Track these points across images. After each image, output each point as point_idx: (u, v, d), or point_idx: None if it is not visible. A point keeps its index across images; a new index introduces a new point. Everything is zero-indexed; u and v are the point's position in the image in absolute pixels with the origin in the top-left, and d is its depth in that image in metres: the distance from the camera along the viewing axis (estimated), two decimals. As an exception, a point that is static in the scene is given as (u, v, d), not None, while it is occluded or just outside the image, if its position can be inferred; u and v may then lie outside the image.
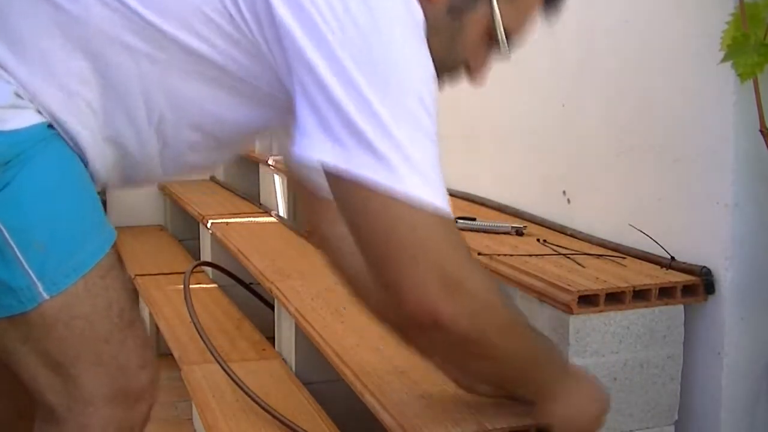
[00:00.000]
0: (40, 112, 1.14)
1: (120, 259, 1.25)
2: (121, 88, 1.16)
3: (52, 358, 1.19)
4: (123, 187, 1.33)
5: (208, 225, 3.25)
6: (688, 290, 1.62)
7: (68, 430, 1.21)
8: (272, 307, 2.54)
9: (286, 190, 3.24)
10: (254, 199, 3.67)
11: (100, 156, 1.20)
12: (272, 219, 3.32)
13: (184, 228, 3.99)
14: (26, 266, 1.13)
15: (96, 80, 1.15)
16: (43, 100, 1.14)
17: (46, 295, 1.14)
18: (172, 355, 2.65)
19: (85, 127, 1.17)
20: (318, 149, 1.06)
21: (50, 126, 1.15)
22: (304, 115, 1.07)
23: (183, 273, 2.76)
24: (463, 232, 2.02)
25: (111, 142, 1.20)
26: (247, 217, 3.37)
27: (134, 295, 1.22)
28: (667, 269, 1.67)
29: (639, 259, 1.76)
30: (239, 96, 1.18)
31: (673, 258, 1.69)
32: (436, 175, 1.08)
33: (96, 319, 1.20)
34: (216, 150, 1.28)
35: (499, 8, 1.25)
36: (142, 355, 1.28)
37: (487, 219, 2.13)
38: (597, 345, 1.57)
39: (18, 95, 1.12)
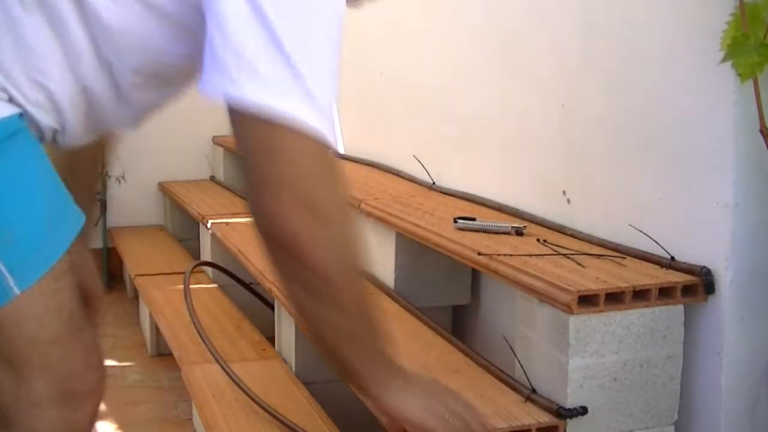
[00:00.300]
0: (11, 101, 1.15)
1: (71, 263, 1.23)
2: (72, 36, 1.16)
3: (4, 358, 1.19)
4: (95, 136, 1.34)
5: (208, 225, 3.25)
6: (688, 290, 1.62)
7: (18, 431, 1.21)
8: (272, 307, 2.53)
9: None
10: (254, 199, 3.66)
11: (71, 107, 1.21)
12: (272, 219, 3.32)
13: (184, 228, 3.99)
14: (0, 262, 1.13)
15: (53, 33, 1.16)
16: (21, 67, 1.15)
17: (17, 290, 1.15)
18: (172, 355, 2.65)
19: (58, 83, 1.18)
20: (217, 82, 1.07)
21: (20, 116, 1.16)
22: (208, 48, 1.08)
23: (183, 273, 2.76)
24: (464, 232, 2.02)
25: (79, 92, 1.21)
26: (247, 217, 3.36)
27: (82, 299, 1.28)
28: (667, 269, 1.67)
29: (639, 259, 1.76)
30: (171, 31, 1.18)
31: (673, 258, 1.69)
32: (328, 107, 1.09)
33: (47, 321, 1.20)
34: (161, 87, 1.29)
35: None
36: (88, 359, 1.28)
37: (487, 219, 2.13)
38: (597, 345, 1.57)
39: None
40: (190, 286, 2.65)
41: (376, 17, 3.09)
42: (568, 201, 2.03)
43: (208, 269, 3.31)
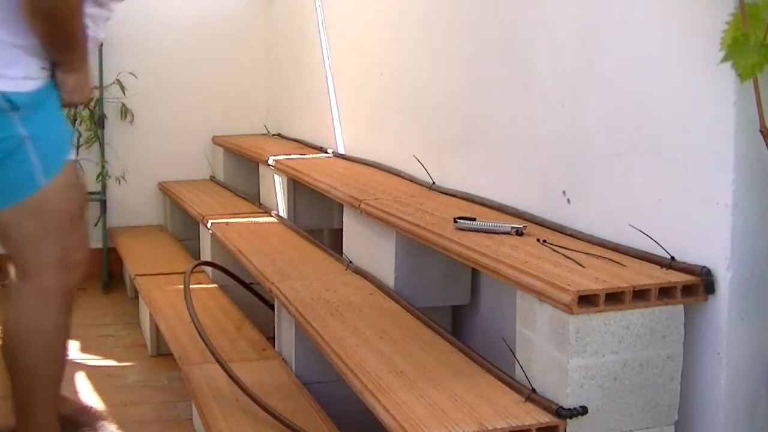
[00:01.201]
0: (46, 74, 1.97)
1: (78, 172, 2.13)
2: None
3: (30, 238, 1.98)
4: None
5: (208, 225, 3.26)
6: (688, 290, 1.62)
7: (34, 284, 1.99)
8: (272, 307, 2.54)
9: (286, 190, 3.24)
10: (254, 199, 3.67)
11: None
12: (272, 219, 3.32)
13: (184, 228, 4.00)
14: (35, 161, 1.92)
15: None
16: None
17: (44, 181, 1.95)
18: (172, 355, 2.65)
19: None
20: None
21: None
22: None
23: (183, 273, 2.76)
24: (464, 232, 2.03)
25: None
26: (247, 217, 3.37)
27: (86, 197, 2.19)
28: (667, 269, 1.68)
29: (639, 259, 1.76)
30: None
31: (673, 258, 1.69)
32: None
33: (66, 206, 2.01)
34: None
35: None
36: (82, 241, 2.10)
37: (487, 219, 2.13)
38: (597, 345, 1.57)
39: (41, 68, 1.95)
40: (190, 286, 2.66)
41: (376, 17, 3.10)
42: (568, 201, 2.03)
43: (208, 269, 3.31)
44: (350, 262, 2.59)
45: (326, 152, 3.49)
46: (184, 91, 4.22)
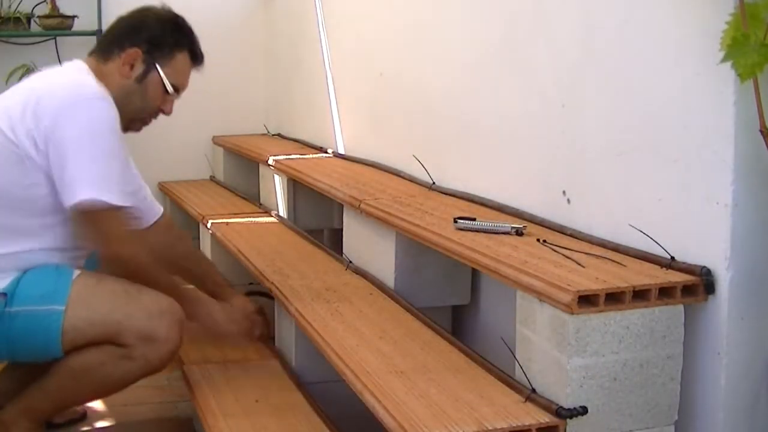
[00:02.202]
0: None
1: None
2: None
3: (98, 341, 2.13)
4: None
5: (208, 225, 3.25)
6: (688, 290, 1.62)
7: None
8: (272, 298, 2.53)
9: (286, 190, 3.24)
10: (254, 199, 3.67)
11: None
12: (272, 219, 3.32)
13: (184, 228, 3.99)
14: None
15: None
16: None
17: (61, 308, 2.10)
18: (172, 355, 2.64)
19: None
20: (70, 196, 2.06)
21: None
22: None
23: (183, 273, 2.75)
24: (464, 232, 2.03)
25: None
26: (247, 217, 3.37)
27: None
28: (667, 269, 1.67)
29: (639, 259, 1.76)
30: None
31: (673, 258, 1.69)
32: (113, 187, 2.06)
33: (96, 307, 2.13)
34: None
35: (164, 72, 2.27)
36: (150, 312, 2.15)
37: (487, 219, 2.13)
38: (597, 345, 1.57)
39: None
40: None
41: (376, 17, 3.10)
42: (568, 201, 2.03)
43: (208, 269, 3.30)
44: (350, 262, 2.59)
45: (326, 152, 3.49)
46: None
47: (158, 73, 2.25)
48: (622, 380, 1.59)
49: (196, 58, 2.35)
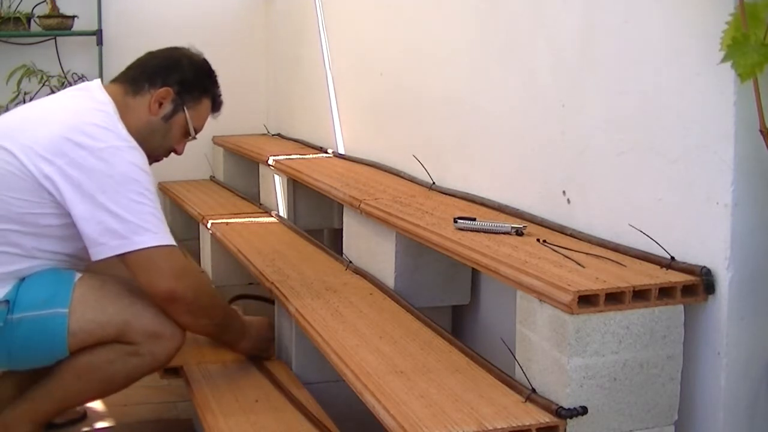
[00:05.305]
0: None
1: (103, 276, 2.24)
2: None
3: (108, 341, 2.15)
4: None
5: (208, 225, 3.25)
6: (688, 290, 1.62)
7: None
8: (272, 302, 2.53)
9: (286, 190, 3.24)
10: (254, 199, 3.67)
11: None
12: (272, 219, 3.32)
13: (184, 228, 3.99)
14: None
15: None
16: None
17: (65, 310, 2.11)
18: (172, 355, 2.64)
19: None
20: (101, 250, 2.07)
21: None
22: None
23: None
24: (464, 232, 2.02)
25: None
26: (247, 217, 3.37)
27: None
28: (667, 269, 1.67)
29: (639, 259, 1.76)
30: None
31: (673, 258, 1.69)
32: (159, 226, 2.09)
33: (101, 307, 2.15)
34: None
35: (189, 115, 2.32)
36: (155, 311, 2.17)
37: (487, 219, 2.13)
38: (597, 345, 1.57)
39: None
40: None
41: (377, 17, 3.10)
42: (568, 201, 2.03)
43: (207, 269, 3.31)
44: (350, 262, 2.59)
45: (326, 152, 3.49)
46: (184, 91, 4.21)
47: (185, 114, 2.30)
48: (622, 380, 1.59)
49: (216, 106, 2.42)
